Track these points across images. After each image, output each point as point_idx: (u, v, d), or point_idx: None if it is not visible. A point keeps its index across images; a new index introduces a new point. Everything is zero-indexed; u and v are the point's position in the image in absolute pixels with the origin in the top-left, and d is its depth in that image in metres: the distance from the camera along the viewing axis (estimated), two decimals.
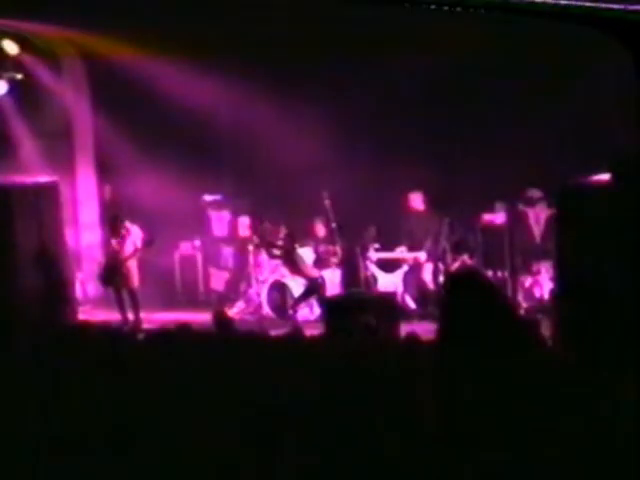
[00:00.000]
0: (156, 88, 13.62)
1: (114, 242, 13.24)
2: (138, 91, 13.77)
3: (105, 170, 15.32)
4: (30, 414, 5.18)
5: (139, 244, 13.22)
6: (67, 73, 14.97)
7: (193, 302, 14.72)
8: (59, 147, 14.96)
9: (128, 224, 13.26)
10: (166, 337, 6.60)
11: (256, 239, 13.84)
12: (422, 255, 13.60)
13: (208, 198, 15.22)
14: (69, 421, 5.07)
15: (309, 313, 13.44)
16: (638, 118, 5.72)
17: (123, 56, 13.79)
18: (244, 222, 14.82)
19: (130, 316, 13.18)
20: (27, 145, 14.45)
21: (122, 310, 13.19)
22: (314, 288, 12.99)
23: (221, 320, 9.40)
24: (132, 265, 13.24)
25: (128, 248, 13.16)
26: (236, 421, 4.88)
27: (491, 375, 4.44)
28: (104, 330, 9.00)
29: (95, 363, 5.76)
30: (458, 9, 4.53)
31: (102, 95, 14.83)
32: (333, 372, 5.12)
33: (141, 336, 7.87)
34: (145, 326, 12.46)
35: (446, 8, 4.57)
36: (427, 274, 13.53)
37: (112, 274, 13.24)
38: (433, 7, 4.51)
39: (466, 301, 4.79)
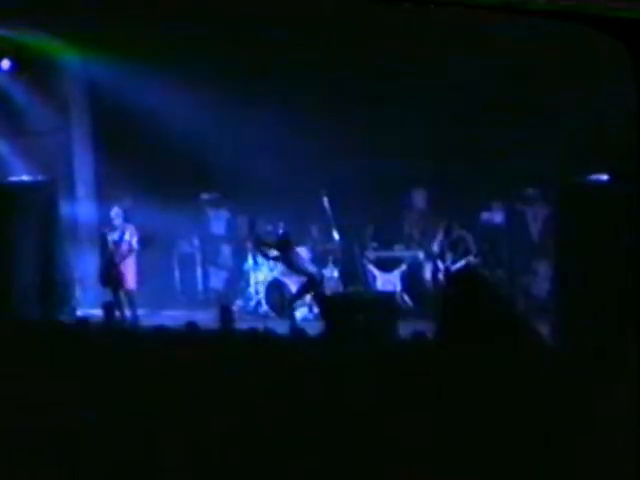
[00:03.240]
0: (156, 89, 13.63)
1: (111, 242, 13.21)
2: (137, 92, 13.77)
3: (104, 170, 15.30)
4: (30, 413, 5.18)
5: (135, 244, 13.20)
6: (67, 73, 14.96)
7: (192, 301, 14.72)
8: (59, 147, 14.96)
9: (125, 223, 13.23)
10: (166, 336, 6.59)
11: (251, 241, 13.89)
12: (420, 254, 13.61)
13: (206, 197, 15.21)
14: (69, 420, 5.07)
15: (307, 312, 13.44)
16: (638, 118, 5.72)
17: (122, 58, 13.78)
18: (242, 221, 14.84)
19: (127, 316, 13.11)
20: (26, 145, 14.45)
21: (120, 310, 13.14)
22: (312, 285, 12.93)
23: (226, 315, 9.46)
24: (129, 265, 13.21)
25: (125, 248, 13.14)
26: (237, 421, 4.88)
27: (490, 374, 4.45)
28: (103, 329, 9.00)
29: (94, 362, 5.75)
30: (460, 8, 4.56)
31: (101, 96, 14.82)
32: (336, 372, 5.13)
33: (140, 335, 7.86)
34: (144, 325, 12.40)
35: (448, 7, 4.59)
36: (426, 273, 13.54)
37: (110, 274, 13.21)
38: (435, 6, 4.53)
39: (465, 300, 4.79)
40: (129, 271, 13.22)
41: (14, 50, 13.95)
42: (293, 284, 13.48)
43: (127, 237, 13.18)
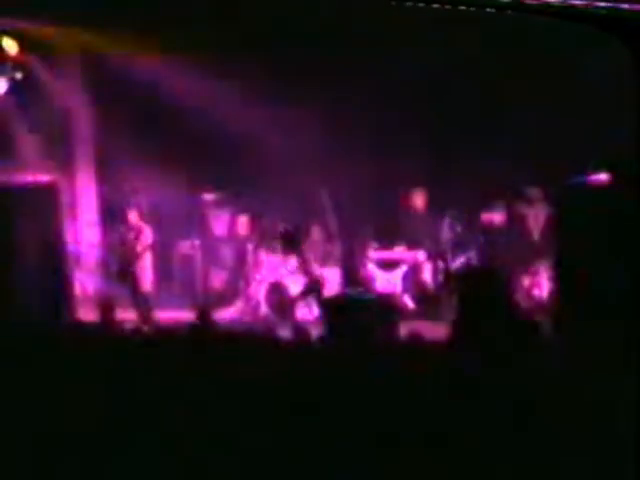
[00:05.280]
0: (156, 87, 13.62)
1: (127, 238, 13.08)
2: (137, 89, 13.77)
3: (105, 169, 15.28)
4: (30, 414, 5.17)
5: (150, 242, 13.07)
6: (67, 71, 14.95)
7: (191, 301, 14.68)
8: (59, 146, 14.94)
9: (141, 221, 13.13)
10: (167, 336, 6.59)
11: (254, 241, 13.90)
12: (421, 254, 13.60)
13: (207, 197, 15.19)
14: (68, 421, 5.06)
15: (307, 313, 13.41)
16: (638, 118, 5.72)
17: (123, 53, 13.77)
18: (243, 221, 14.83)
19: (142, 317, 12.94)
20: (26, 144, 14.42)
21: (136, 309, 12.98)
22: (315, 287, 12.89)
23: (204, 318, 9.47)
24: (145, 263, 13.08)
25: (140, 245, 13.02)
26: (237, 421, 4.88)
27: (495, 372, 4.45)
28: (104, 330, 8.99)
29: (94, 363, 5.75)
30: (461, 8, 4.56)
31: (101, 93, 14.81)
32: (336, 373, 5.13)
33: (142, 336, 7.85)
34: (144, 326, 12.33)
35: (450, 7, 4.59)
36: (426, 273, 13.53)
37: (125, 271, 13.10)
38: (437, 6, 4.53)
39: (475, 297, 4.78)
40: (145, 270, 13.09)
41: (17, 49, 13.91)
42: (293, 285, 13.47)
43: (142, 236, 13.06)
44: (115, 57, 13.88)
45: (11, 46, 13.82)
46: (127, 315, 12.56)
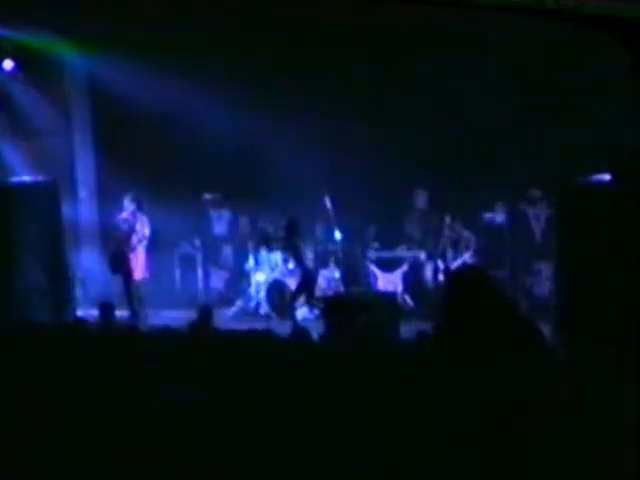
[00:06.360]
0: (157, 90, 13.64)
1: (122, 231, 13.05)
2: (139, 92, 13.78)
3: (105, 170, 15.28)
4: (30, 413, 5.17)
5: (147, 233, 13.02)
6: (68, 73, 14.97)
7: (192, 301, 14.68)
8: (59, 146, 14.96)
9: (137, 212, 13.10)
10: (167, 336, 6.59)
11: (254, 238, 13.91)
12: (422, 254, 13.60)
13: (208, 197, 15.20)
14: (69, 420, 5.07)
15: (308, 312, 13.40)
16: (638, 118, 5.73)
17: (123, 58, 13.78)
18: (244, 221, 14.83)
19: (136, 312, 12.91)
20: (27, 145, 14.45)
21: (130, 304, 12.95)
22: (309, 280, 12.82)
23: (204, 315, 9.50)
24: (140, 255, 13.07)
25: (136, 237, 12.98)
26: (238, 422, 4.88)
27: (489, 373, 4.44)
28: (103, 329, 9.01)
29: (94, 362, 5.75)
30: (460, 9, 4.57)
31: (103, 96, 14.82)
32: (337, 372, 5.13)
33: (140, 335, 7.85)
34: (144, 325, 12.32)
35: (451, 7, 4.60)
36: (427, 273, 13.53)
37: (119, 264, 13.06)
38: (438, 6, 4.54)
39: (467, 298, 4.78)
40: (139, 261, 13.06)
41: (16, 50, 13.94)
42: (294, 284, 13.47)
43: (138, 227, 13.03)
44: (115, 60, 13.90)
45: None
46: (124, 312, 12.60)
